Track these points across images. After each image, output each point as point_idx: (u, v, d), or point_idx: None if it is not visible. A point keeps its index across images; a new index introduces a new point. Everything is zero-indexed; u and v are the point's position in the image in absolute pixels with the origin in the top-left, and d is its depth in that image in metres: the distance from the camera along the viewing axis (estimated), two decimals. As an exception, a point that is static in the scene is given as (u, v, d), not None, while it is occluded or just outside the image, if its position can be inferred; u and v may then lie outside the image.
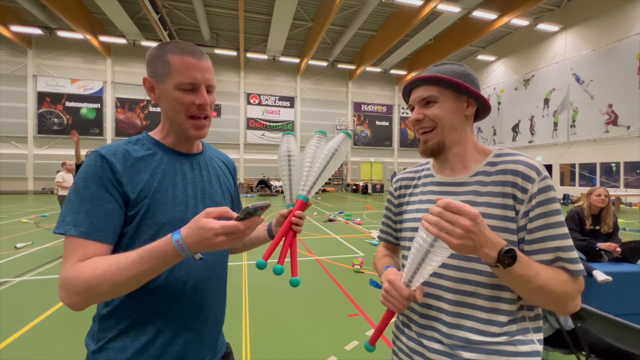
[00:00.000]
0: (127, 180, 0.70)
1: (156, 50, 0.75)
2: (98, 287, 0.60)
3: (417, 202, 0.84)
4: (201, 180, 0.83)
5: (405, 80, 22.14)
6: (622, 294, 2.59)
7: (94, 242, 0.65)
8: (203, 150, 0.89)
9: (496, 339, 0.68)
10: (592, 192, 3.10)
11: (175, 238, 0.60)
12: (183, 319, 0.76)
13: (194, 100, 0.74)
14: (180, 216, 0.75)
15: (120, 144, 0.74)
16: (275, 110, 21.28)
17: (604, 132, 13.72)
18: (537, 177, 0.67)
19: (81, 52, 17.84)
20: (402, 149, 23.85)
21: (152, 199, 0.72)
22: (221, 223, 0.59)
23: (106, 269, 0.60)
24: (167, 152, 0.79)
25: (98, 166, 0.68)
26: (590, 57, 14.27)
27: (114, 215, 0.68)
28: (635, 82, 12.65)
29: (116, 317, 0.72)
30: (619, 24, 13.19)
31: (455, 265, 0.72)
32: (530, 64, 17.16)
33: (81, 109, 18.04)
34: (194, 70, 0.73)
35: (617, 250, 2.90)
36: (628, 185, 13.33)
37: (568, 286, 0.64)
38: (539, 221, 0.66)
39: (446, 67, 0.79)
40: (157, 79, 0.75)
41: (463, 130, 0.79)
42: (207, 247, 0.60)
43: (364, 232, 7.05)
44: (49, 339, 2.49)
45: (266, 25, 16.78)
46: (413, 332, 0.78)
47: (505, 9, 13.47)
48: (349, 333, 2.60)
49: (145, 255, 0.60)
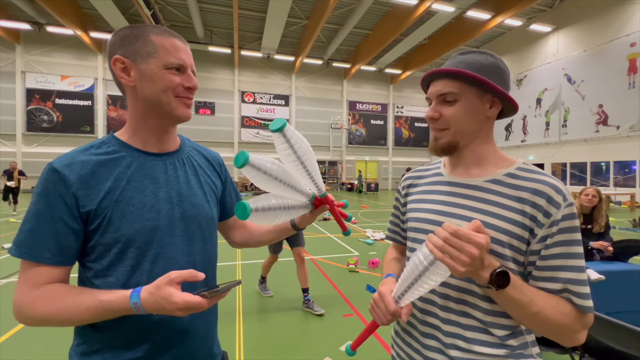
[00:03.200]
0: (83, 193, 0.64)
1: (130, 30, 0.69)
2: (50, 322, 0.61)
3: (421, 201, 0.80)
4: (177, 182, 0.75)
5: (400, 79, 22.24)
6: (615, 292, 2.62)
7: (42, 266, 0.62)
8: (180, 147, 0.81)
9: (497, 351, 0.66)
10: (582, 192, 3.13)
11: (134, 300, 0.59)
12: (169, 336, 0.71)
13: (181, 82, 0.70)
14: (151, 224, 0.69)
15: (79, 152, 0.68)
16: (270, 109, 21.17)
17: (595, 131, 13.94)
18: (564, 202, 0.63)
19: (71, 48, 17.48)
20: (396, 148, 23.93)
21: (115, 209, 0.66)
22: (185, 298, 0.57)
23: (59, 309, 0.60)
24: (135, 153, 0.72)
25: (49, 181, 0.63)
26: (581, 58, 14.47)
27: (61, 235, 0.63)
28: (625, 83, 12.87)
29: (97, 332, 0.68)
30: (610, 25, 13.39)
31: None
32: (523, 64, 17.34)
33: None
34: (182, 52, 0.70)
35: (609, 249, 2.94)
36: (617, 184, 13.57)
37: (569, 319, 0.60)
38: (557, 249, 0.62)
39: (473, 57, 0.70)
40: (135, 59, 0.68)
41: (481, 132, 0.72)
42: (165, 314, 0.60)
43: (359, 231, 7.05)
44: (34, 344, 2.42)
45: (261, 23, 16.65)
46: (413, 340, 0.76)
47: (498, 9, 13.57)
48: (344, 333, 2.59)
49: (100, 308, 0.60)
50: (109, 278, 0.67)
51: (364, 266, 4.45)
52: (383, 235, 6.44)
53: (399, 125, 23.99)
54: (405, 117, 24.17)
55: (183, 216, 0.74)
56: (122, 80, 0.70)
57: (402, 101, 24.03)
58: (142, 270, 0.68)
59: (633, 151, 12.81)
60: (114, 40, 0.70)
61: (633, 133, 12.65)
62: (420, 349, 0.73)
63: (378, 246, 5.77)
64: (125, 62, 0.69)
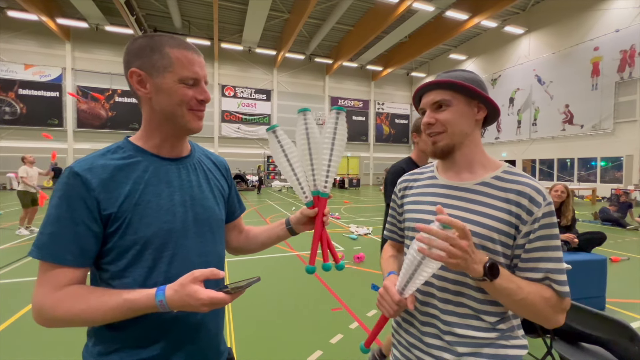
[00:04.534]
0: (105, 196, 0.66)
1: (147, 41, 0.70)
2: (73, 322, 0.63)
3: (417, 203, 0.88)
4: (190, 186, 0.78)
5: (381, 76, 22.51)
6: (580, 280, 2.86)
7: (62, 267, 0.64)
8: (191, 152, 0.84)
9: (489, 334, 0.74)
10: (552, 189, 3.36)
11: (159, 298, 0.61)
12: (184, 333, 0.74)
13: (194, 95, 0.72)
14: (168, 227, 0.71)
15: (96, 157, 0.70)
16: (251, 103, 20.83)
17: (561, 130, 14.84)
18: (543, 202, 0.71)
19: (36, 35, 16.32)
20: (377, 144, 24.31)
21: (134, 212, 0.68)
22: (210, 295, 0.61)
23: (83, 309, 0.62)
24: (151, 158, 0.75)
25: (71, 184, 0.64)
26: (550, 60, 15.28)
27: (82, 237, 0.64)
28: (589, 84, 13.75)
29: (112, 333, 0.69)
30: (576, 29, 14.21)
31: (443, 266, 0.77)
32: (497, 64, 18.07)
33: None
34: (196, 65, 0.72)
35: (575, 241, 3.19)
36: (581, 179, 14.55)
37: (551, 303, 0.69)
38: (538, 243, 0.71)
39: (457, 74, 0.80)
40: (152, 73, 0.70)
41: (472, 135, 0.81)
42: (188, 310, 0.63)
43: (343, 227, 7.16)
44: (9, 349, 2.32)
45: (242, 15, 16.27)
46: (413, 328, 0.83)
47: (475, 10, 14.03)
48: (334, 327, 2.66)
49: (125, 306, 0.62)
50: (125, 279, 0.68)
51: (349, 261, 4.55)
52: (367, 230, 6.58)
53: (379, 121, 24.35)
54: (386, 113, 24.56)
55: (196, 218, 0.77)
56: (138, 92, 0.72)
57: (383, 98, 24.37)
58: (159, 271, 0.70)
59: (595, 149, 13.77)
60: (130, 51, 0.72)
61: (595, 132, 13.59)
62: (419, 335, 0.81)
63: (362, 241, 5.90)
64: (141, 74, 0.70)
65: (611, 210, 8.18)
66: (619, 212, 8.11)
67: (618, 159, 13.19)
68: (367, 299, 3.22)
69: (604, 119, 13.23)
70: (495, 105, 0.79)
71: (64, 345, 2.31)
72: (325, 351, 2.32)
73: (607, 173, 13.76)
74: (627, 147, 12.73)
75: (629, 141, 12.65)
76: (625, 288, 3.66)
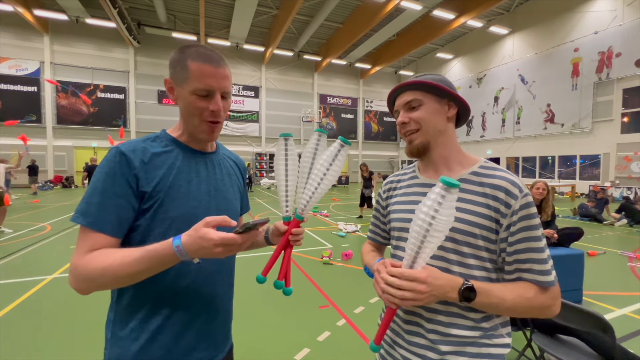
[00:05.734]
0: (143, 175, 0.74)
1: (177, 54, 0.79)
2: (101, 278, 0.66)
3: (402, 203, 0.89)
4: (214, 178, 0.87)
5: (370, 74, 22.62)
6: (559, 273, 2.93)
7: (101, 234, 0.70)
8: (216, 149, 0.94)
9: (472, 332, 0.75)
10: (533, 186, 3.47)
11: (176, 243, 0.64)
12: (194, 312, 0.79)
13: (207, 106, 0.78)
14: (193, 211, 0.78)
15: (139, 141, 0.78)
16: (239, 100, 20.56)
17: (543, 129, 15.29)
18: (520, 194, 0.73)
19: (11, 26, 15.58)
20: (366, 142, 24.45)
21: (167, 194, 0.75)
22: (220, 235, 0.63)
23: (110, 263, 0.65)
24: (184, 149, 0.83)
25: (117, 162, 0.72)
26: (533, 60, 15.69)
27: (123, 209, 0.71)
28: (569, 84, 14.20)
29: (130, 308, 0.75)
30: (558, 30, 14.63)
31: (428, 263, 0.76)
32: (483, 63, 18.43)
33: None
34: (210, 78, 0.76)
35: (555, 237, 3.30)
36: (561, 176, 15.06)
37: (537, 299, 0.70)
38: (520, 234, 0.72)
39: (427, 76, 0.84)
40: (176, 82, 0.79)
41: (446, 132, 0.83)
42: (205, 255, 0.64)
43: (331, 224, 7.19)
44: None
45: (229, 10, 16.01)
46: (397, 326, 0.84)
47: (462, 10, 14.25)
48: (321, 324, 2.68)
49: (147, 256, 0.65)
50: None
51: (338, 258, 4.58)
52: (355, 228, 6.63)
53: (368, 119, 24.48)
54: (375, 111, 24.71)
55: (218, 208, 0.85)
56: (170, 97, 0.82)
57: (371, 95, 24.50)
58: None
59: (574, 147, 14.26)
60: (169, 62, 0.81)
61: (575, 130, 14.06)
62: (403, 333, 0.81)
63: (350, 238, 5.94)
64: (171, 83, 0.81)
65: (589, 206, 8.50)
66: (596, 208, 8.44)
67: (596, 157, 13.70)
68: (355, 297, 3.25)
69: (583, 118, 13.70)
70: (464, 102, 0.83)
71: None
72: (312, 349, 2.32)
73: (585, 170, 14.29)
74: (604, 145, 13.24)
75: (606, 140, 13.16)
76: (602, 281, 3.82)
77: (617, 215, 7.88)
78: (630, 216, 7.66)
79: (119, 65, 17.89)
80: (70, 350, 2.27)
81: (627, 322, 2.80)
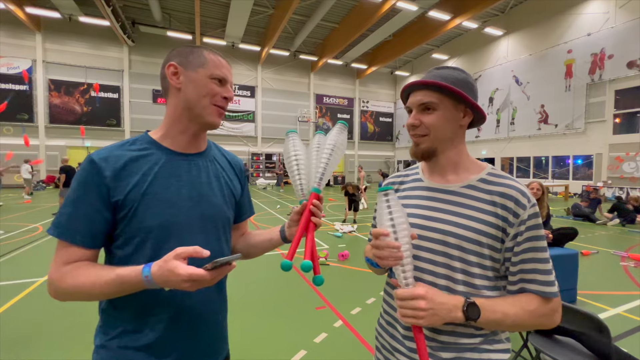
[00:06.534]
0: (115, 184, 0.71)
1: (188, 48, 0.81)
2: (76, 295, 0.67)
3: (406, 206, 0.84)
4: (199, 182, 0.81)
5: (366, 74, 22.66)
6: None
7: (73, 246, 0.69)
8: (207, 149, 0.89)
9: (472, 340, 0.74)
10: (527, 187, 3.49)
11: (145, 273, 0.63)
12: (182, 323, 0.77)
13: (221, 92, 0.80)
14: (173, 219, 0.75)
15: (115, 147, 0.75)
16: (235, 100, 20.46)
17: (537, 129, 15.45)
18: (528, 204, 0.71)
19: (3, 24, 15.33)
20: (362, 142, 24.50)
21: (141, 202, 0.72)
22: (189, 271, 0.61)
23: (83, 282, 0.66)
24: (164, 152, 0.79)
25: (88, 171, 0.70)
26: (527, 61, 15.85)
27: (94, 220, 0.70)
28: (563, 85, 14.36)
29: (117, 316, 0.75)
30: (552, 32, 14.79)
31: (431, 271, 0.76)
32: (478, 64, 18.57)
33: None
34: (226, 69, 0.82)
35: (550, 237, 3.32)
36: (554, 176, 15.23)
37: (539, 311, 0.69)
38: (526, 244, 0.70)
39: (448, 73, 0.78)
40: (187, 67, 0.78)
41: (455, 139, 0.80)
42: (173, 287, 0.63)
43: (328, 225, 7.18)
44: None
45: (224, 9, 15.92)
46: (397, 332, 0.82)
47: (457, 11, 14.33)
48: (318, 326, 2.66)
49: (118, 281, 0.65)
50: (129, 265, 0.71)
51: (334, 259, 4.57)
52: (351, 228, 6.62)
53: (364, 119, 24.52)
54: (371, 111, 24.76)
55: (202, 215, 0.80)
56: (171, 81, 0.79)
57: (367, 96, 24.55)
58: None
59: (568, 147, 14.42)
60: (172, 54, 0.81)
61: (568, 131, 14.23)
62: (402, 339, 0.80)
63: (347, 239, 5.93)
64: (177, 68, 0.79)
65: (582, 205, 8.60)
66: (589, 208, 8.54)
67: (589, 157, 13.87)
68: (352, 298, 3.24)
69: (576, 119, 13.87)
70: (481, 112, 0.78)
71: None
72: (309, 350, 2.31)
73: (579, 170, 14.46)
74: (596, 146, 13.41)
75: (598, 140, 13.33)
76: (595, 280, 3.86)
77: (610, 215, 7.99)
78: (622, 216, 7.76)
79: (113, 64, 17.70)
80: (62, 353, 2.23)
81: (620, 321, 2.83)
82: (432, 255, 0.76)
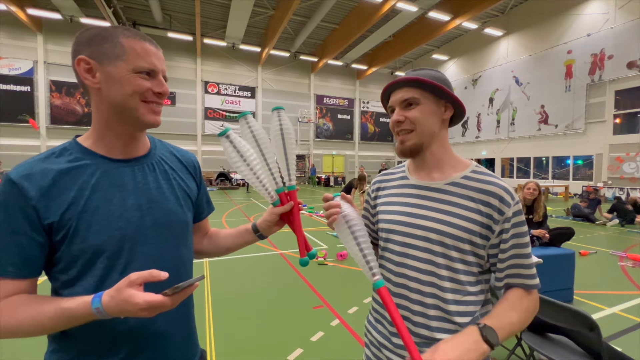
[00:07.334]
0: (44, 205, 0.61)
1: (98, 30, 0.67)
2: (14, 334, 0.60)
3: (391, 204, 0.87)
4: (147, 188, 0.72)
5: (366, 75, 22.67)
6: (550, 273, 3.00)
7: (6, 279, 0.60)
8: (150, 150, 0.78)
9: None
10: (524, 187, 3.51)
11: (95, 305, 0.57)
12: (144, 339, 0.70)
13: (150, 87, 0.68)
14: (120, 234, 0.67)
15: (38, 161, 0.65)
16: (236, 101, 20.51)
17: (537, 130, 15.44)
18: (512, 201, 0.73)
19: (4, 25, 15.38)
20: (362, 142, 24.50)
21: (80, 220, 0.63)
22: (147, 299, 0.56)
23: (21, 319, 0.59)
24: (100, 161, 0.69)
25: (7, 193, 0.60)
26: (527, 62, 15.84)
27: (26, 247, 0.61)
28: (563, 86, 14.35)
29: (69, 340, 0.67)
30: (552, 33, 14.78)
31: (416, 267, 0.77)
32: (478, 65, 18.56)
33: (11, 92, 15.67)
34: (153, 56, 0.68)
35: (546, 237, 3.34)
36: (555, 177, 15.21)
37: (530, 310, 0.73)
38: (512, 241, 0.73)
39: (425, 72, 0.80)
40: (102, 61, 0.65)
41: (440, 134, 0.81)
42: (130, 316, 0.58)
43: (326, 225, 7.18)
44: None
45: (225, 10, 15.96)
46: (384, 329, 0.83)
47: (457, 12, 14.34)
48: (315, 325, 2.68)
49: (62, 315, 0.58)
50: (76, 288, 0.65)
51: (333, 259, 4.59)
52: (350, 228, 6.63)
53: (364, 120, 24.53)
54: (371, 112, 24.77)
55: (155, 223, 0.72)
56: (85, 81, 0.67)
57: (367, 96, 24.56)
58: (111, 280, 0.65)
59: (568, 148, 14.41)
60: (79, 40, 0.67)
61: (568, 131, 14.22)
62: (389, 335, 0.81)
63: (345, 239, 5.94)
64: (90, 62, 0.66)
65: (582, 206, 8.59)
66: (589, 208, 8.54)
67: (589, 158, 13.85)
68: (349, 297, 3.26)
69: (576, 120, 13.85)
70: (461, 105, 0.80)
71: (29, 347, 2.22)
72: (305, 349, 2.33)
73: (579, 171, 14.45)
74: (596, 146, 13.39)
75: (598, 141, 13.31)
76: (593, 280, 3.87)
77: (609, 215, 7.98)
78: (621, 216, 7.75)
79: (113, 65, 17.72)
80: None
81: (617, 320, 2.84)
82: (416, 251, 0.78)
